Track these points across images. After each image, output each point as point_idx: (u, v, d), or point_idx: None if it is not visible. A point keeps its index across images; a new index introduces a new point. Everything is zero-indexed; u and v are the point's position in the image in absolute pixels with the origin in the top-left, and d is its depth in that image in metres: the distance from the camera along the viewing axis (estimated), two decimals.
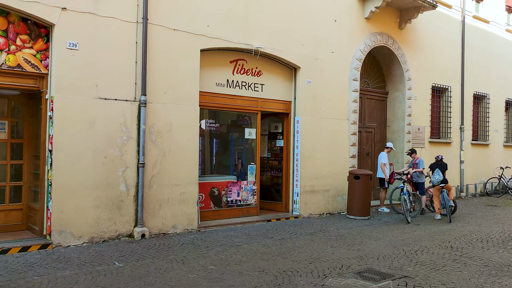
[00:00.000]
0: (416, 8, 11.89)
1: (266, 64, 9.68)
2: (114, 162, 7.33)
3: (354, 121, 11.10)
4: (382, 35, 11.83)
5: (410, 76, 12.67)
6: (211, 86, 8.87)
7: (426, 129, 13.40)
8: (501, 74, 16.44)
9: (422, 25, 13.04)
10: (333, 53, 10.66)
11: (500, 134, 16.67)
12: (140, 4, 7.59)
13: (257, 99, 9.65)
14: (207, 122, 9.07)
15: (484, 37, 15.65)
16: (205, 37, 8.42)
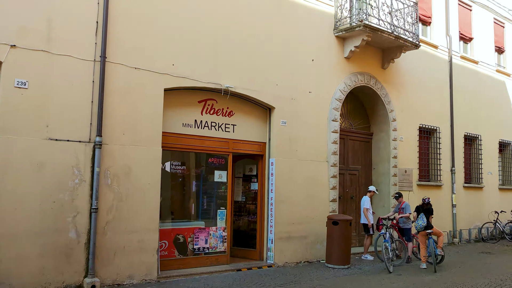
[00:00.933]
0: (398, 48, 11.63)
1: (238, 104, 9.33)
2: (63, 207, 6.85)
3: (335, 163, 10.61)
4: (364, 74, 11.52)
5: (395, 116, 12.27)
6: (177, 126, 8.48)
7: (414, 172, 12.86)
8: (492, 115, 16.03)
9: (406, 65, 12.76)
10: (310, 93, 10.32)
11: (495, 176, 16.07)
12: (98, 42, 7.32)
13: (228, 140, 9.23)
14: (173, 164, 8.61)
15: (474, 78, 15.35)
16: (169, 76, 8.10)
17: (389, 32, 10.90)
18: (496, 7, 16.74)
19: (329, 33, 10.85)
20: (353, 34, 10.69)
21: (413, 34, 11.61)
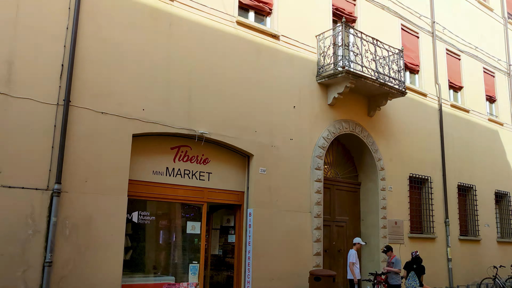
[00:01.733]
0: (383, 95, 11.38)
1: (214, 151, 8.93)
2: (13, 260, 6.30)
3: (318, 214, 10.07)
4: (349, 122, 11.20)
5: (383, 165, 11.83)
6: (147, 174, 8.05)
7: (405, 223, 12.26)
8: (487, 164, 15.59)
9: (394, 113, 12.48)
10: (292, 140, 9.95)
11: (492, 228, 15.39)
12: (62, 85, 7.04)
13: (203, 189, 8.76)
14: (141, 214, 8.10)
15: (465, 127, 15.04)
16: (139, 122, 7.77)
17: (373, 79, 10.67)
18: (485, 57, 16.71)
19: (311, 80, 10.63)
20: (336, 80, 10.47)
21: (399, 82, 11.38)
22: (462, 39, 15.74)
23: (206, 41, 8.87)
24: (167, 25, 8.40)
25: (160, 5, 8.35)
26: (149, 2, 8.21)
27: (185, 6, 8.69)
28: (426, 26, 14.37)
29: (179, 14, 8.59)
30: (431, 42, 14.43)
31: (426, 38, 14.29)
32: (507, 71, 17.76)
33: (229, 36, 9.26)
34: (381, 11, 12.88)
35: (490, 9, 17.59)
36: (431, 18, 14.60)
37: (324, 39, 10.77)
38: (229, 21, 9.31)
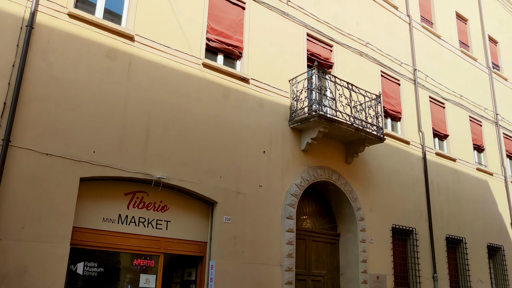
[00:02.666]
0: (360, 141, 10.93)
1: (173, 197, 8.37)
2: None
3: (290, 267, 9.33)
4: (324, 169, 10.68)
5: (363, 215, 11.18)
6: (96, 221, 7.45)
7: (388, 278, 11.44)
8: (477, 216, 14.90)
9: (374, 160, 11.98)
10: (261, 187, 9.40)
11: (486, 285, 14.46)
12: (3, 124, 6.61)
13: (160, 239, 8.11)
14: (87, 266, 7.40)
15: (452, 176, 14.49)
16: (88, 164, 7.27)
17: (348, 124, 10.26)
18: (471, 106, 16.44)
19: (284, 125, 10.23)
20: (308, 125, 10.06)
21: (376, 127, 10.97)
22: (446, 87, 15.52)
23: (169, 82, 8.55)
24: (126, 64, 8.10)
25: (119, 44, 8.09)
26: (106, 41, 7.95)
27: (147, 47, 8.43)
28: (407, 73, 14.18)
29: (140, 54, 8.31)
30: (413, 90, 14.18)
31: (408, 85, 14.06)
32: (495, 120, 17.44)
33: (194, 78, 8.95)
34: (359, 58, 12.70)
35: (474, 58, 17.53)
36: (412, 65, 14.44)
37: (297, 83, 10.47)
38: (194, 63, 9.03)
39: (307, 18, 11.62)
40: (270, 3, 10.85)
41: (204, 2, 9.60)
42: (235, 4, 10.20)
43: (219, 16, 9.85)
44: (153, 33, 8.60)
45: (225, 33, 9.82)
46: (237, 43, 9.97)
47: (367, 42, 13.07)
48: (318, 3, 12.08)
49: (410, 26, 14.87)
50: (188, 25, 9.19)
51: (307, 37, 11.51)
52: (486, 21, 19.23)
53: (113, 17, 8.42)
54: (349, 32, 12.65)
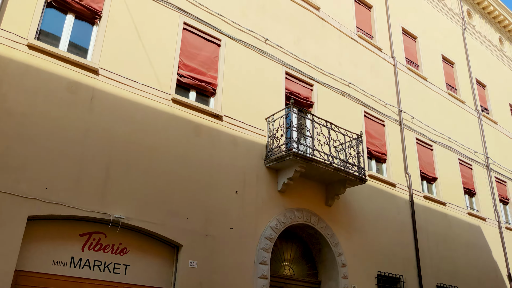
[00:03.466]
0: (341, 182, 10.44)
1: (134, 239, 7.79)
2: None
3: None
4: (303, 211, 10.14)
5: (345, 261, 10.52)
6: (44, 264, 6.85)
7: None
8: (470, 263, 14.16)
9: (357, 202, 11.44)
10: (232, 229, 8.83)
11: None
12: None
13: (117, 285, 7.46)
14: None
15: (442, 221, 13.88)
16: (38, 202, 6.77)
17: (326, 164, 9.83)
18: (460, 148, 16.07)
19: (259, 164, 9.79)
20: (284, 164, 9.62)
21: (358, 168, 10.52)
22: (433, 129, 15.21)
23: (134, 118, 8.18)
24: (88, 98, 7.76)
25: (82, 78, 7.79)
26: (68, 74, 7.66)
27: (112, 81, 8.14)
28: (392, 114, 13.89)
29: (104, 88, 8.00)
30: (399, 131, 13.85)
31: (393, 126, 13.74)
32: (485, 164, 17.02)
33: (163, 113, 8.60)
34: (341, 97, 12.44)
35: (461, 101, 17.33)
36: (397, 106, 14.18)
37: (273, 121, 10.13)
38: (163, 98, 8.72)
39: (286, 57, 11.45)
40: (247, 41, 10.70)
41: (177, 38, 9.42)
42: (210, 41, 10.02)
43: (193, 53, 9.64)
44: (120, 67, 8.34)
45: (198, 70, 9.57)
46: (211, 79, 9.70)
47: (350, 82, 12.86)
48: (298, 42, 11.96)
49: (395, 68, 14.74)
50: (159, 61, 8.95)
51: (286, 75, 11.29)
52: (473, 64, 19.21)
53: (78, 50, 8.18)
54: (330, 71, 12.46)
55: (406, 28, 16.26)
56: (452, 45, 18.51)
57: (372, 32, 14.83)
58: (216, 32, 10.15)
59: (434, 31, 17.76)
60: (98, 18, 8.44)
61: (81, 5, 8.25)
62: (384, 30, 15.18)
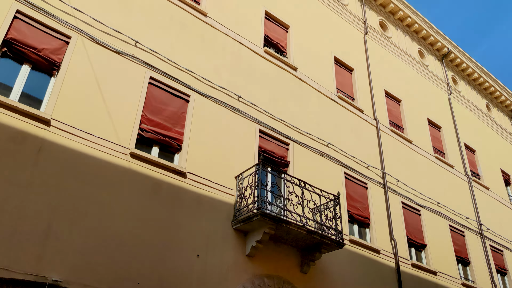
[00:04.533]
0: (316, 246, 9.66)
1: None
2: None
3: None
4: (274, 278, 9.28)
5: None
6: None
7: None
8: None
9: (336, 270, 10.55)
10: None
11: None
12: None
13: None
14: None
15: None
16: None
17: (298, 225, 9.12)
18: (450, 214, 15.33)
19: (226, 225, 9.09)
20: (253, 226, 8.92)
21: (335, 231, 9.78)
22: (420, 193, 14.56)
23: (84, 171, 7.64)
24: (35, 149, 7.27)
25: (30, 128, 7.35)
26: (16, 124, 7.22)
27: (65, 133, 7.69)
28: (375, 176, 13.33)
29: (55, 140, 7.54)
30: (383, 194, 13.21)
31: (377, 189, 13.12)
32: (479, 231, 16.16)
33: (119, 168, 8.06)
34: (319, 158, 11.96)
35: (450, 165, 16.84)
36: (381, 169, 13.65)
37: (243, 180, 9.56)
38: (121, 152, 8.23)
39: (260, 115, 11.12)
40: (219, 98, 10.41)
41: (141, 92, 9.11)
42: (178, 96, 9.72)
43: (158, 107, 9.29)
44: (75, 119, 7.93)
45: (163, 125, 9.17)
46: (177, 135, 9.27)
47: (329, 143, 12.43)
48: (274, 101, 11.69)
49: (378, 130, 14.40)
50: (119, 114, 8.56)
51: (260, 133, 10.89)
52: (461, 129, 18.95)
53: (32, 101, 7.80)
54: (308, 131, 12.07)
55: (389, 91, 16.15)
56: (438, 109, 18.36)
57: (354, 94, 14.67)
58: (185, 88, 9.88)
59: (419, 95, 17.68)
60: (56, 69, 8.17)
61: (38, 55, 8.01)
62: (366, 93, 15.04)
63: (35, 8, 8.28)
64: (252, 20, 12.57)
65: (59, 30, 8.43)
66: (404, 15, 18.71)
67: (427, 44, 19.92)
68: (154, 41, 9.83)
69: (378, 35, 17.25)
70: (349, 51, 15.50)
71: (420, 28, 19.32)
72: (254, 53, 11.94)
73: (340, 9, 16.20)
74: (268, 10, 13.29)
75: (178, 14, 10.68)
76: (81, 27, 8.77)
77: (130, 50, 9.33)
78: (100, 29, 9.05)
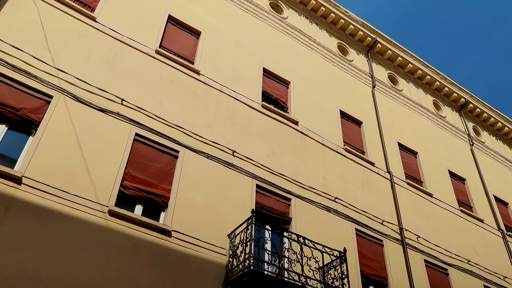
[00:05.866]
0: None
1: None
2: None
3: None
4: None
5: None
6: None
7: None
8: None
9: None
10: None
11: None
12: None
13: None
14: None
15: None
16: None
17: (297, 285, 8.19)
18: (484, 273, 13.80)
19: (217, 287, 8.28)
20: (245, 287, 8.05)
21: None
22: (446, 250, 13.26)
23: (55, 231, 7.15)
24: (3, 209, 6.90)
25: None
26: None
27: (37, 191, 7.34)
28: (392, 232, 12.26)
29: (25, 198, 7.18)
30: (402, 252, 12.05)
31: (395, 246, 11.99)
32: None
33: (94, 227, 7.56)
34: (327, 214, 11.13)
35: (479, 219, 15.49)
36: (398, 224, 12.59)
37: (235, 237, 8.84)
38: (98, 211, 7.76)
39: (257, 170, 10.57)
40: (211, 153, 10.00)
41: (125, 149, 8.80)
42: (166, 152, 9.36)
43: (143, 164, 8.92)
44: (50, 177, 7.61)
45: (148, 181, 8.73)
46: (163, 192, 8.79)
47: (336, 197, 11.63)
48: (273, 156, 11.17)
49: (392, 183, 13.51)
50: (99, 172, 8.21)
51: (257, 189, 10.28)
52: (489, 181, 17.70)
53: (4, 160, 7.57)
54: (312, 185, 11.37)
55: (403, 143, 15.40)
56: (460, 160, 17.32)
57: (364, 147, 14.01)
58: (173, 144, 9.54)
59: (437, 146, 16.80)
60: (34, 127, 8.02)
61: (16, 115, 7.91)
62: (377, 145, 14.35)
63: (17, 70, 8.33)
64: (249, 77, 12.44)
65: (41, 90, 8.41)
66: (414, 68, 18.36)
67: (442, 95, 19.32)
68: (141, 98, 9.70)
69: (387, 88, 16.85)
70: (356, 104, 15.08)
71: (432, 80, 18.85)
72: (250, 108, 11.67)
73: (345, 65, 16.02)
74: (266, 67, 13.19)
75: (168, 73, 10.64)
76: (64, 86, 8.75)
77: (115, 108, 9.19)
78: (84, 88, 9.01)
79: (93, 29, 10.00)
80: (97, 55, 9.66)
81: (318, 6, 16.61)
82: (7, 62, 8.26)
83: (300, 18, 16.12)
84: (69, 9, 9.91)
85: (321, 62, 15.30)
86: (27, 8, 9.23)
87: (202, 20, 12.64)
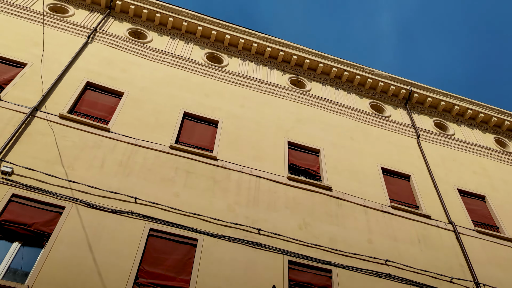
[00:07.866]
0: None
1: None
2: None
3: None
4: None
5: None
6: None
7: None
8: None
9: None
10: None
11: None
12: None
13: None
14: None
15: None
16: None
17: None
18: None
19: None
20: None
21: None
22: None
23: None
24: None
25: None
26: None
27: None
28: None
29: None
30: None
31: None
32: None
33: None
34: (377, 280, 9.89)
35: None
36: (472, 280, 10.81)
37: None
38: None
39: (289, 245, 9.89)
40: (234, 235, 9.58)
41: (138, 246, 8.68)
42: (183, 242, 9.10)
43: (159, 258, 8.69)
44: (58, 286, 7.58)
45: (164, 275, 8.43)
46: (182, 284, 8.40)
47: (387, 260, 10.42)
48: (306, 227, 10.46)
49: (456, 234, 11.94)
50: (112, 273, 8.09)
51: (289, 265, 9.52)
52: None
53: (17, 276, 7.74)
54: (356, 252, 10.34)
55: (464, 189, 13.85)
56: None
57: (416, 201, 12.77)
58: (191, 233, 9.30)
59: (509, 185, 14.90)
60: (46, 239, 8.24)
61: (29, 231, 8.22)
62: (431, 197, 13.00)
63: (31, 189, 8.84)
64: (273, 152, 12.21)
65: (53, 203, 8.76)
66: (461, 109, 17.13)
67: (504, 130, 17.58)
68: (155, 194, 9.76)
69: (434, 135, 15.69)
70: (400, 158, 14.08)
71: (487, 117, 17.36)
72: (275, 182, 11.28)
73: (381, 121, 15.34)
74: (292, 140, 12.95)
75: (185, 164, 10.74)
76: (77, 196, 9.07)
77: (128, 208, 9.29)
78: (96, 194, 9.27)
79: (107, 139, 10.54)
80: (110, 161, 10.06)
81: (341, 72, 16.52)
82: (21, 183, 8.83)
83: (325, 88, 16.03)
84: (84, 125, 10.62)
85: (353, 124, 14.79)
86: (43, 132, 10.02)
87: (219, 110, 12.95)
